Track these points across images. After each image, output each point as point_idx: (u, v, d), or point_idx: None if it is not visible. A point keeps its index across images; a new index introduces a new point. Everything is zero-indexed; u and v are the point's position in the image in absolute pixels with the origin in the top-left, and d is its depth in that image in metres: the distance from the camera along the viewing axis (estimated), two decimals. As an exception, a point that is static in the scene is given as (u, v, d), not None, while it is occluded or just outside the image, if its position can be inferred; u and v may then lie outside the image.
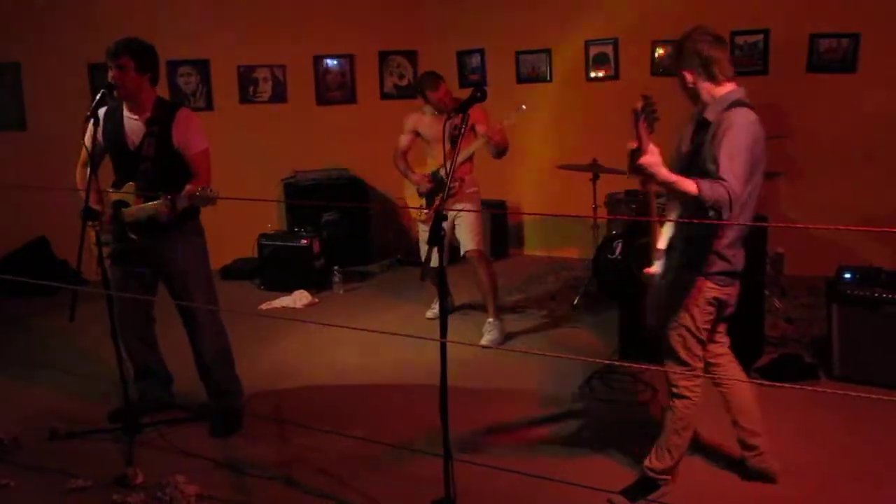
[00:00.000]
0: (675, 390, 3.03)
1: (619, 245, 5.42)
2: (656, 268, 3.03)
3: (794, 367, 4.24)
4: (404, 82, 7.67)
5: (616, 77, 6.80)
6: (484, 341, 4.90)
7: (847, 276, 4.08)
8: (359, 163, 7.31)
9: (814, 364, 4.25)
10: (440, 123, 4.77)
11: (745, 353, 4.26)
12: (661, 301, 3.06)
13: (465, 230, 4.98)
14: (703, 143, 2.83)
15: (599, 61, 6.84)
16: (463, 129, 2.80)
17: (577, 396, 4.11)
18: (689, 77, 2.90)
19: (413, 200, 5.19)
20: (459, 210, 4.90)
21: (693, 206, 2.71)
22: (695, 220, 2.72)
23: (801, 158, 6.06)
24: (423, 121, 5.10)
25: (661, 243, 3.05)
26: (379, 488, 3.22)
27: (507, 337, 5.06)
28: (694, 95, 2.93)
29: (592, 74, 6.90)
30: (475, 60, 7.44)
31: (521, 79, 7.26)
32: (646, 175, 2.68)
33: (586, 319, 5.40)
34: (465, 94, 2.90)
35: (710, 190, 2.60)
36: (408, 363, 4.61)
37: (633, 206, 5.80)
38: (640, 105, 2.72)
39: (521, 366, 4.56)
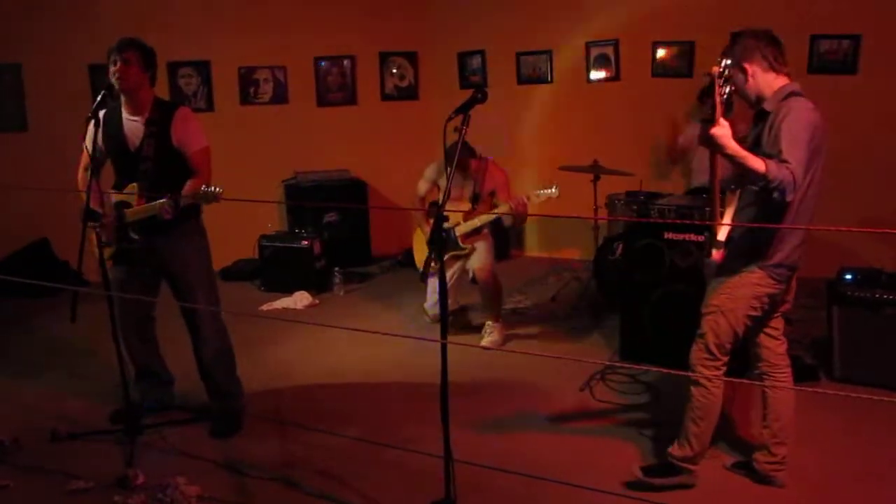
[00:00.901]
0: (693, 377, 3.02)
1: (620, 246, 5.42)
2: (716, 255, 2.99)
3: (795, 368, 4.21)
4: (405, 83, 7.68)
5: (617, 78, 6.80)
6: (484, 342, 4.91)
7: (848, 277, 4.08)
8: (359, 164, 7.32)
9: (814, 365, 4.25)
10: (461, 185, 4.85)
11: (746, 354, 4.27)
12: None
13: (477, 257, 4.99)
14: (761, 133, 2.89)
15: (600, 62, 6.85)
16: (463, 130, 2.79)
17: (578, 397, 4.11)
18: (749, 70, 2.96)
19: (421, 249, 5.20)
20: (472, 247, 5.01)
21: (752, 196, 2.80)
22: (752, 224, 2.78)
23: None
24: (442, 177, 5.06)
25: (722, 235, 3.03)
26: (379, 489, 3.22)
27: (507, 338, 5.07)
28: (751, 91, 2.99)
29: (593, 75, 6.90)
30: (476, 62, 7.45)
31: (521, 80, 7.27)
32: (714, 147, 2.69)
33: (587, 320, 5.40)
34: (465, 95, 2.90)
35: (777, 170, 2.64)
36: (408, 364, 4.61)
37: (634, 208, 5.80)
38: (717, 69, 2.69)
39: (522, 367, 4.56)
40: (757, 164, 2.64)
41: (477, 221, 4.87)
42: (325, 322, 5.37)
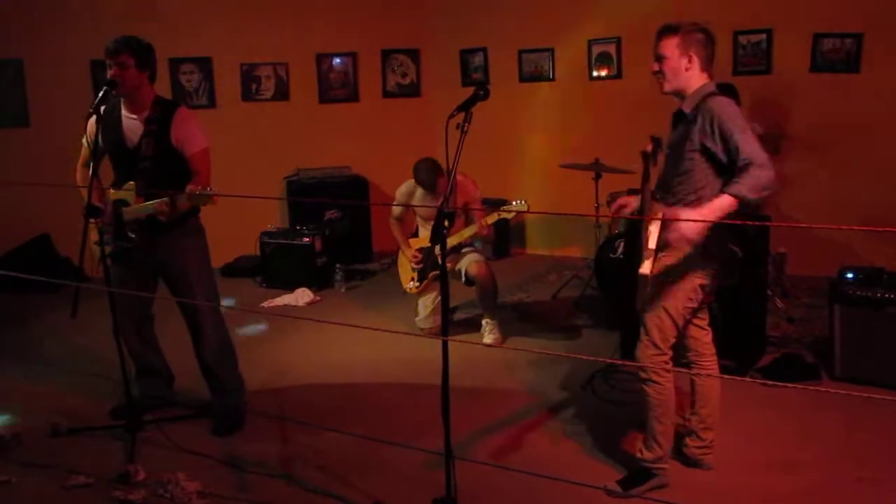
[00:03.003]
0: (644, 375, 3.05)
1: (621, 244, 5.41)
2: (646, 267, 3.01)
3: (796, 366, 4.23)
4: (407, 81, 7.67)
5: (619, 76, 6.79)
6: (486, 340, 4.91)
7: (849, 276, 4.08)
8: (361, 161, 7.31)
9: (816, 364, 4.24)
10: (432, 199, 4.84)
11: (748, 352, 4.28)
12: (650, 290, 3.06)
13: (468, 259, 4.97)
14: (685, 137, 2.90)
15: (602, 60, 6.83)
16: (465, 128, 2.78)
17: (579, 396, 4.11)
18: (684, 62, 2.94)
19: (406, 271, 5.20)
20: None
21: (682, 194, 2.87)
22: (682, 219, 2.77)
23: (803, 158, 6.06)
24: (416, 195, 5.05)
25: (652, 242, 3.05)
26: (380, 486, 3.22)
27: (508, 336, 5.06)
28: (680, 82, 2.96)
29: (595, 73, 6.89)
30: (478, 59, 7.44)
31: (523, 78, 7.26)
32: (699, 234, 2.80)
33: (588, 319, 5.40)
34: (467, 92, 2.90)
35: (751, 188, 2.67)
36: (409, 361, 4.61)
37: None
38: (650, 147, 2.77)
39: (523, 365, 4.56)
40: (729, 203, 2.71)
41: (455, 239, 4.85)
42: (326, 319, 5.37)
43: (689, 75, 2.94)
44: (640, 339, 3.08)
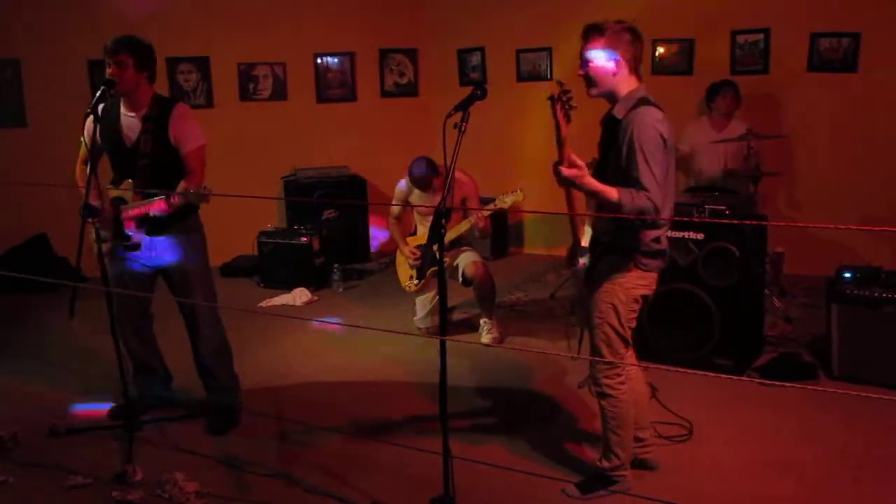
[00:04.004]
0: (598, 389, 3.03)
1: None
2: (584, 261, 3.03)
3: (794, 366, 4.24)
4: (404, 80, 7.67)
5: (617, 76, 6.79)
6: (484, 339, 4.91)
7: (847, 275, 4.08)
8: (359, 160, 7.31)
9: (813, 363, 4.25)
10: (431, 201, 4.84)
11: (745, 352, 4.28)
12: (585, 301, 3.06)
13: (465, 257, 4.98)
14: (611, 142, 2.86)
15: (600, 60, 6.83)
16: (463, 127, 2.79)
17: (577, 395, 4.11)
18: (620, 63, 2.86)
19: (404, 269, 5.19)
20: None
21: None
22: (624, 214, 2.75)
23: (801, 158, 6.06)
24: (413, 194, 5.06)
25: (585, 240, 3.05)
26: (378, 485, 3.22)
27: (506, 335, 5.06)
28: (608, 86, 2.90)
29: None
30: (475, 59, 7.44)
31: (521, 77, 7.26)
32: (571, 185, 2.78)
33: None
34: (465, 92, 2.90)
35: (630, 202, 2.67)
36: (407, 360, 4.61)
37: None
38: (557, 91, 2.73)
39: (521, 364, 4.56)
40: (612, 195, 2.70)
41: (452, 233, 4.85)
42: (324, 319, 5.37)
43: (618, 80, 2.86)
44: (591, 355, 3.03)
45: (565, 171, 2.75)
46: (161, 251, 3.65)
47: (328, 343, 5.01)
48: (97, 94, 3.38)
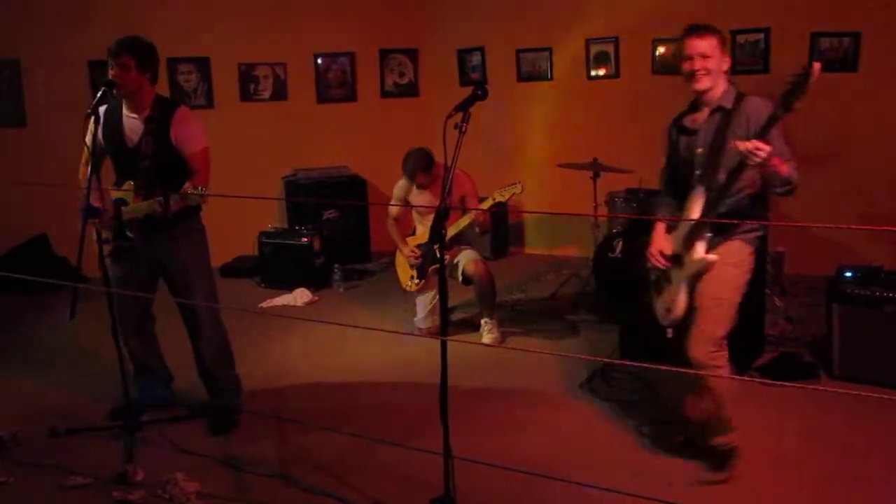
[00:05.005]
0: (712, 371, 3.07)
1: (620, 244, 5.42)
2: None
3: (795, 365, 4.24)
4: (405, 80, 7.67)
5: (617, 75, 6.79)
6: (485, 340, 4.91)
7: (847, 275, 4.08)
8: (359, 161, 7.31)
9: (814, 363, 4.25)
10: (429, 196, 4.84)
11: (746, 351, 4.28)
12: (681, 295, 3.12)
13: (465, 256, 4.98)
14: (725, 133, 3.00)
15: (600, 60, 6.83)
16: (464, 127, 2.78)
17: (578, 395, 4.11)
18: (725, 62, 3.10)
19: (404, 269, 5.19)
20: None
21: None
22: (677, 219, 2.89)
23: (800, 157, 6.04)
24: (413, 193, 5.06)
25: (670, 243, 3.14)
26: (378, 486, 3.22)
27: (507, 335, 5.06)
28: (723, 80, 3.09)
29: (593, 73, 6.89)
30: (476, 59, 7.44)
31: (521, 77, 7.26)
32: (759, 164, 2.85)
33: (586, 318, 5.39)
34: (465, 92, 2.90)
35: (797, 174, 2.96)
36: (408, 361, 4.61)
37: (634, 205, 5.80)
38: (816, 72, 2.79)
39: (522, 364, 4.56)
40: (790, 172, 2.93)
41: (452, 230, 4.85)
42: (324, 319, 5.37)
43: (725, 76, 3.11)
44: (689, 335, 3.10)
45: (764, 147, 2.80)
46: (162, 251, 3.65)
47: (329, 343, 5.01)
48: (98, 95, 3.38)
